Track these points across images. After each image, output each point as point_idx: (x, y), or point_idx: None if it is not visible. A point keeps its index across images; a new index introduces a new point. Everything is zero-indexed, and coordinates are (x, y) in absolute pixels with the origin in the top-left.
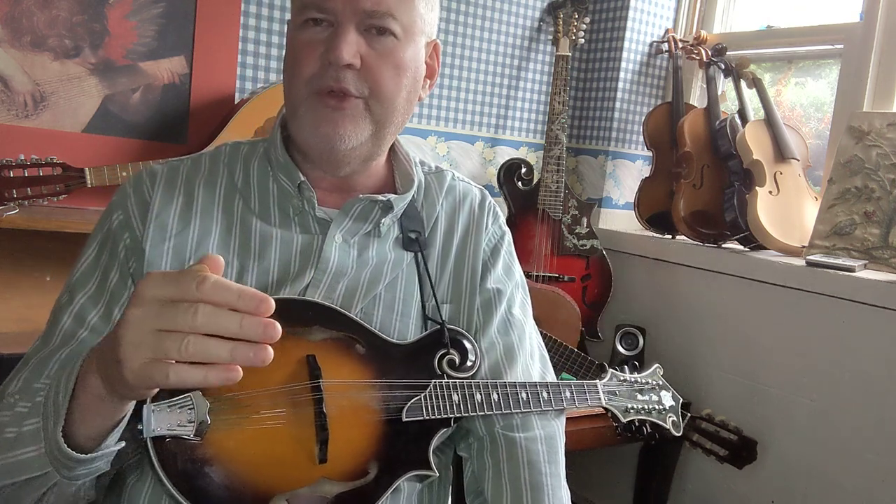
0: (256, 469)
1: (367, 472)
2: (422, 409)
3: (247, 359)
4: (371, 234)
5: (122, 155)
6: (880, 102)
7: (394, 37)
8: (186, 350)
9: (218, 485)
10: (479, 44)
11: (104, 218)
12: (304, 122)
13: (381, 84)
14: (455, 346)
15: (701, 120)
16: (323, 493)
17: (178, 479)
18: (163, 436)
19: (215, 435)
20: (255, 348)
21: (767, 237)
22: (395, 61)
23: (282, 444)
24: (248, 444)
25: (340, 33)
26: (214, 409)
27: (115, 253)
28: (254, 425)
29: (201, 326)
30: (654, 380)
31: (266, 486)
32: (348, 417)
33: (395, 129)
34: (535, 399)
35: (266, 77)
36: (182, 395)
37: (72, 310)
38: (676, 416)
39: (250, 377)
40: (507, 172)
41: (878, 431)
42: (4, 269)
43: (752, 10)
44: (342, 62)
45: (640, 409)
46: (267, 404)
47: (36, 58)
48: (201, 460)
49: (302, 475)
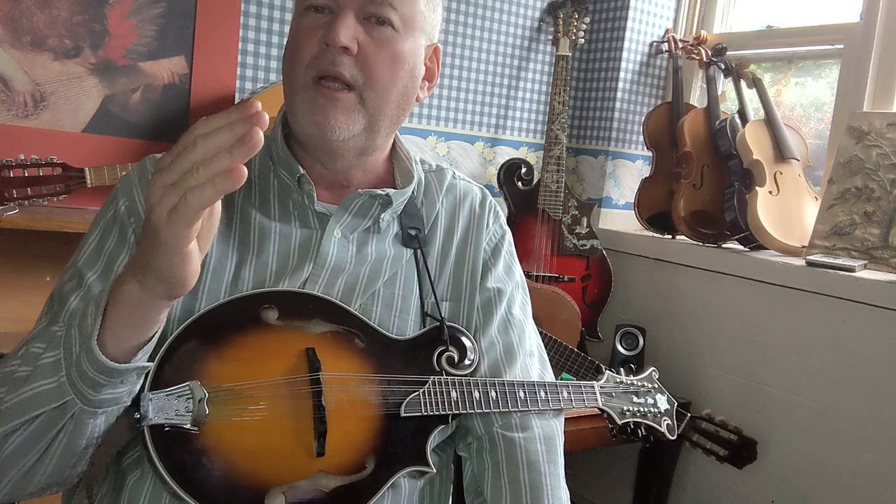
0: (254, 460)
1: (365, 467)
2: (420, 405)
3: (244, 150)
4: (370, 230)
5: (122, 155)
6: (880, 102)
7: (392, 28)
8: (198, 176)
9: (215, 475)
10: (479, 44)
11: (108, 205)
12: (299, 111)
13: (376, 73)
14: (454, 344)
15: (701, 120)
16: (320, 487)
17: (175, 469)
18: (160, 425)
19: (213, 425)
20: (246, 136)
21: (767, 237)
22: (392, 52)
23: (280, 436)
24: (245, 436)
25: (339, 17)
26: (213, 399)
27: (124, 238)
28: (252, 416)
29: (201, 153)
30: (649, 383)
31: (263, 477)
32: (347, 411)
33: (389, 124)
34: (532, 398)
35: (266, 77)
36: (180, 385)
37: (80, 291)
38: (671, 419)
39: (249, 368)
40: (507, 172)
41: (879, 431)
42: (4, 269)
43: (752, 10)
44: (339, 44)
45: (636, 411)
46: (266, 396)
47: (36, 58)
48: (198, 451)
49: (299, 468)
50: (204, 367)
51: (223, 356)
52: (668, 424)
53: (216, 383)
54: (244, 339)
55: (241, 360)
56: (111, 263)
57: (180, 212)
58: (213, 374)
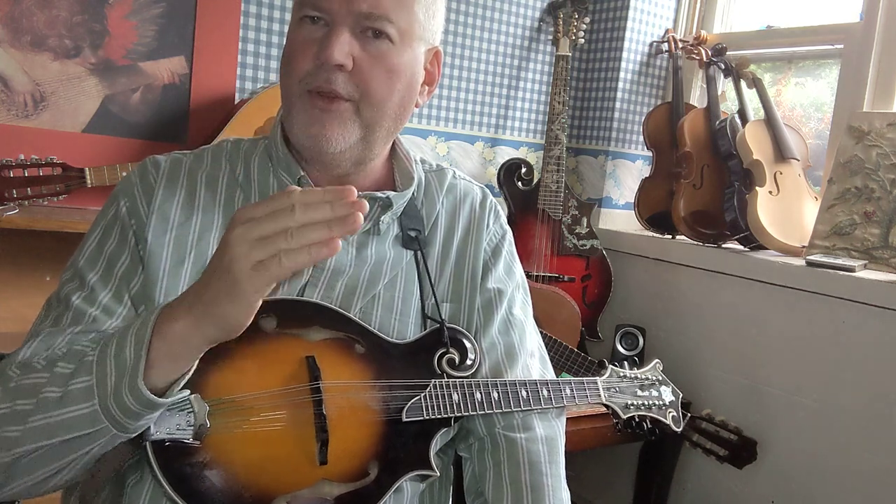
0: (256, 472)
1: (368, 473)
2: (422, 409)
3: (342, 229)
4: (370, 232)
5: (122, 155)
6: (880, 102)
7: (389, 41)
8: (292, 240)
9: (218, 488)
10: (479, 44)
11: (108, 205)
12: (295, 122)
13: (372, 88)
14: (455, 345)
15: (701, 120)
16: (323, 495)
17: (178, 482)
18: (162, 440)
19: (215, 438)
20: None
21: (767, 237)
22: (389, 65)
23: (282, 446)
24: (247, 447)
25: (334, 34)
26: (214, 412)
27: (125, 239)
28: (253, 428)
29: (300, 221)
30: (654, 375)
31: (266, 488)
32: (348, 418)
33: (386, 133)
34: (535, 397)
35: (266, 77)
36: (181, 399)
37: (82, 292)
38: (676, 411)
39: (250, 379)
40: (507, 172)
41: (879, 431)
42: (4, 269)
43: (752, 10)
44: (333, 62)
45: (641, 404)
46: (266, 406)
47: (36, 58)
48: (201, 464)
49: (302, 477)
50: (204, 379)
51: (223, 367)
52: (674, 416)
53: (217, 395)
54: (243, 349)
55: (241, 371)
56: (112, 264)
57: (270, 269)
58: (213, 385)
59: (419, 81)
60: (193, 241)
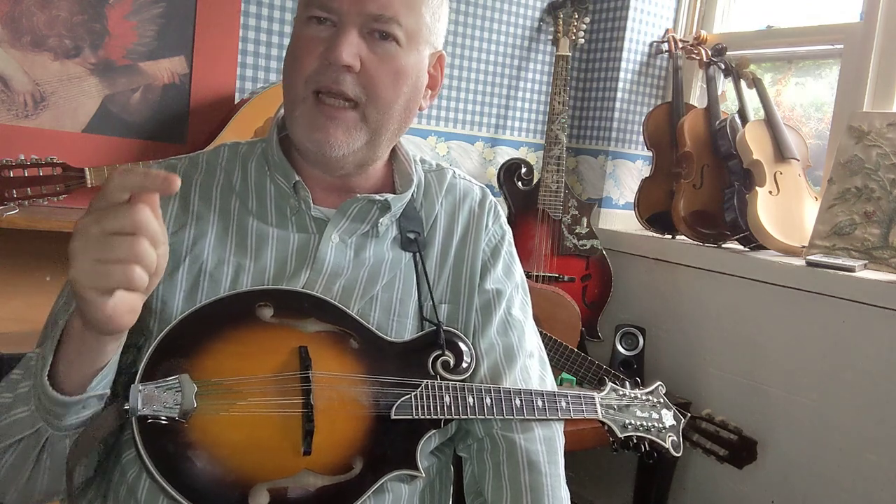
0: (240, 456)
1: (352, 468)
2: (411, 408)
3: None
4: (369, 234)
5: (122, 155)
6: (880, 102)
7: (396, 43)
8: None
9: (200, 469)
10: (479, 44)
11: None
12: (298, 126)
13: (379, 89)
14: (450, 348)
15: (701, 120)
16: (305, 485)
17: (161, 460)
18: (148, 416)
19: (201, 419)
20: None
21: (767, 237)
22: (396, 67)
23: (267, 432)
24: (232, 431)
25: (342, 34)
26: (202, 392)
27: None
28: (241, 412)
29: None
30: (655, 397)
31: (248, 473)
32: (336, 411)
33: (391, 136)
34: (529, 407)
35: (266, 77)
36: (170, 377)
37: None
38: (676, 436)
39: (241, 364)
40: (507, 172)
41: (878, 431)
42: (4, 269)
43: (752, 10)
44: (341, 62)
45: (640, 426)
46: (255, 392)
47: (36, 58)
48: (185, 443)
49: (285, 465)
50: (196, 361)
51: (216, 351)
52: (674, 441)
53: (207, 377)
54: (238, 334)
55: (233, 356)
56: None
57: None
58: (204, 368)
59: (424, 84)
60: (188, 248)
